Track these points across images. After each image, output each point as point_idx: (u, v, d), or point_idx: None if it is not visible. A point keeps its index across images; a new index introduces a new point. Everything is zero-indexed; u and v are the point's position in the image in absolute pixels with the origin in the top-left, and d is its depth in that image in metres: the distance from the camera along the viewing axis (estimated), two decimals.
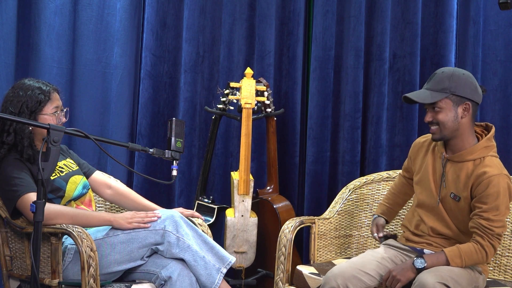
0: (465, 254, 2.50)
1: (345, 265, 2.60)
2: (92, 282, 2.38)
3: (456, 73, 2.54)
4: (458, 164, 2.59)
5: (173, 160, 2.59)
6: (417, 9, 3.82)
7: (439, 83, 2.54)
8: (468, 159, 2.58)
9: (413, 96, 2.58)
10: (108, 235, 2.55)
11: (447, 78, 2.53)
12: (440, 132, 2.56)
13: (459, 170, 2.59)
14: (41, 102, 2.61)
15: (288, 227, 2.93)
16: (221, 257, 2.56)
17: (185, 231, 2.55)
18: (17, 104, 2.60)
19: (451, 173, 2.61)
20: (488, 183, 2.50)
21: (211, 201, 3.74)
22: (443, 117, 2.54)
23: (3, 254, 2.68)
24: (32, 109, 2.60)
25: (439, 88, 2.53)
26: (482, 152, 2.58)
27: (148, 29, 3.83)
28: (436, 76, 2.57)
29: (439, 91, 2.53)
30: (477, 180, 2.53)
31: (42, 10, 3.43)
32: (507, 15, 3.60)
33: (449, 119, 2.54)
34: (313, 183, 3.93)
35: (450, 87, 2.52)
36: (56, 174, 2.67)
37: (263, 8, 3.97)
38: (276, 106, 3.81)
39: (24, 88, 2.64)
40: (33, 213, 2.05)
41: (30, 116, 2.59)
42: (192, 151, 3.93)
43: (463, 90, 2.52)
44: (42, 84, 2.67)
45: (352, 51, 3.88)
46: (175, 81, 3.91)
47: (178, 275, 2.49)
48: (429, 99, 2.53)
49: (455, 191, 2.59)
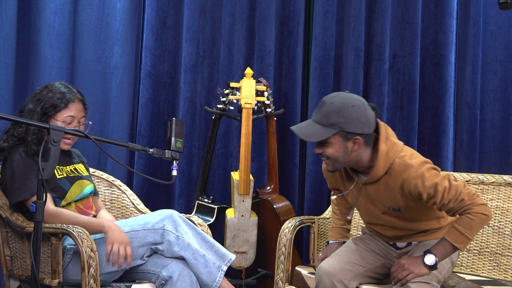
0: (465, 228, 2.38)
1: (332, 260, 2.61)
2: (92, 282, 2.38)
3: (345, 107, 2.39)
4: (375, 184, 2.49)
5: (173, 160, 2.59)
6: (417, 9, 3.83)
7: (327, 117, 2.39)
8: (379, 175, 2.46)
9: (300, 133, 2.45)
10: None
11: (336, 112, 2.38)
12: (333, 165, 2.47)
13: (380, 187, 2.48)
14: (56, 107, 2.62)
15: (288, 227, 2.93)
16: (221, 255, 2.57)
17: (185, 230, 2.55)
18: (36, 102, 2.63)
19: (375, 193, 2.52)
20: (418, 190, 2.39)
21: (211, 201, 3.74)
22: (333, 152, 2.43)
23: (3, 254, 2.68)
24: (45, 111, 2.62)
25: (328, 124, 2.39)
26: (387, 162, 2.44)
27: (148, 29, 3.83)
28: (324, 106, 2.42)
29: (327, 127, 2.39)
30: (404, 190, 2.42)
31: (42, 10, 3.43)
32: (507, 15, 3.60)
33: (339, 154, 2.43)
34: (313, 183, 3.93)
35: (339, 122, 2.38)
36: (63, 174, 2.68)
37: (263, 8, 3.97)
38: (276, 106, 3.81)
39: (50, 89, 2.67)
40: (33, 213, 2.05)
41: (42, 117, 2.60)
42: (192, 151, 3.93)
43: (353, 126, 2.39)
44: (68, 91, 2.67)
45: (352, 51, 3.88)
46: (175, 81, 3.91)
47: (179, 275, 2.49)
48: (315, 137, 2.41)
49: (391, 204, 2.52)
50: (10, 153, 2.60)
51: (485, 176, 3.07)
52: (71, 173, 2.73)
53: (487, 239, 3.01)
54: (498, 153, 3.67)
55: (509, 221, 2.97)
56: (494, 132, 3.68)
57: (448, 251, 2.43)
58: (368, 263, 2.63)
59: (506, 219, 2.98)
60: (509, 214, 2.98)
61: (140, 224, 2.56)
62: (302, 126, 2.49)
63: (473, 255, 3.03)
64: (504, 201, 3.01)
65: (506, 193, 3.01)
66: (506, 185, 3.02)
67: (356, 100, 2.43)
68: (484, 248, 3.01)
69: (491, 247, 2.99)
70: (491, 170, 3.58)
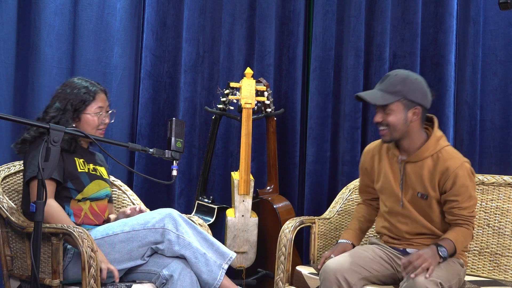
0: (464, 238, 2.58)
1: (341, 259, 2.62)
2: (93, 283, 2.38)
3: (410, 78, 2.58)
4: (418, 164, 2.63)
5: (173, 160, 2.59)
6: (417, 9, 3.82)
7: (392, 85, 2.56)
8: (425, 156, 2.61)
9: (365, 95, 2.61)
10: (108, 235, 2.55)
11: (400, 81, 2.56)
12: (390, 134, 2.61)
13: (419, 169, 2.62)
14: (85, 101, 2.71)
15: (288, 227, 2.93)
16: (221, 253, 2.57)
17: (185, 228, 2.55)
18: (63, 101, 2.69)
19: (412, 174, 2.64)
20: (455, 176, 2.55)
21: (211, 201, 3.74)
22: (393, 120, 2.57)
23: (4, 254, 2.68)
24: (76, 107, 2.69)
25: (392, 91, 2.56)
26: (436, 146, 2.62)
27: (148, 29, 3.83)
28: (389, 78, 2.59)
29: (391, 94, 2.56)
30: (443, 176, 2.58)
31: (42, 10, 3.43)
32: (507, 15, 3.60)
33: (399, 122, 2.57)
34: (313, 183, 3.93)
35: (402, 90, 2.55)
36: (84, 169, 2.72)
37: (263, 8, 3.97)
38: (276, 106, 3.81)
39: (72, 86, 2.74)
40: (32, 213, 2.05)
41: (74, 114, 2.69)
42: (192, 151, 3.93)
43: (415, 95, 2.56)
44: (90, 84, 2.76)
45: (352, 51, 3.88)
46: (175, 81, 3.91)
47: (180, 274, 2.49)
48: (380, 100, 2.56)
49: (422, 190, 2.62)
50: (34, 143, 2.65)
51: (485, 177, 3.07)
52: (92, 171, 2.77)
53: (487, 240, 3.01)
54: (498, 153, 3.66)
55: (509, 221, 2.97)
56: (494, 132, 3.68)
57: (451, 250, 2.53)
58: (375, 269, 2.64)
59: (506, 219, 2.98)
60: (509, 215, 2.98)
61: (140, 224, 2.56)
62: (367, 92, 2.66)
63: (473, 255, 3.03)
64: (504, 201, 3.01)
65: (506, 193, 3.01)
66: (506, 185, 3.02)
67: (418, 76, 2.63)
68: (484, 249, 3.01)
69: (491, 248, 2.99)
70: (491, 170, 3.58)
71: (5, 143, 3.33)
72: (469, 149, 3.70)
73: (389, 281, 2.67)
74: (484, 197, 3.04)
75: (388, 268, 2.68)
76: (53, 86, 3.43)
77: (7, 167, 2.89)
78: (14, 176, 2.90)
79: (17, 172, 2.91)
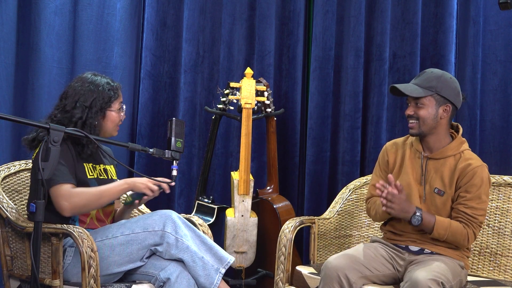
0: (452, 231, 2.60)
1: (342, 257, 2.62)
2: (93, 283, 2.38)
3: (445, 76, 2.68)
4: (440, 161, 2.70)
5: (173, 160, 2.59)
6: (417, 9, 3.82)
7: (427, 81, 2.66)
8: (448, 154, 2.69)
9: (401, 87, 2.68)
10: (107, 237, 2.54)
11: (436, 78, 2.66)
12: (419, 127, 2.68)
13: (441, 166, 2.69)
14: (111, 98, 2.68)
15: (288, 227, 2.93)
16: (219, 257, 2.55)
17: (184, 231, 2.54)
18: (89, 99, 2.64)
19: (433, 170, 2.70)
20: (473, 174, 2.63)
21: (211, 201, 3.74)
22: (424, 113, 2.66)
23: (4, 254, 2.68)
24: (102, 105, 2.66)
25: (426, 86, 2.65)
26: (459, 147, 2.71)
27: (148, 29, 3.83)
28: (425, 74, 2.70)
29: (425, 88, 2.65)
30: (462, 172, 2.64)
31: (42, 10, 3.42)
32: (507, 15, 3.60)
33: (430, 116, 2.66)
34: (313, 183, 3.93)
35: (436, 86, 2.65)
36: (94, 175, 2.68)
37: (263, 8, 3.97)
38: (276, 106, 3.81)
39: (94, 83, 2.68)
40: (33, 213, 2.05)
41: (100, 111, 2.65)
42: (192, 151, 3.93)
43: (448, 92, 2.66)
44: (108, 79, 2.72)
45: (352, 51, 3.88)
46: (175, 81, 3.91)
47: (177, 277, 2.48)
48: (415, 93, 2.65)
49: (440, 187, 2.67)
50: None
51: None
52: (101, 175, 2.71)
53: (487, 240, 3.01)
54: (498, 153, 3.66)
55: (509, 221, 2.97)
56: (494, 132, 3.68)
57: (427, 226, 2.61)
58: (376, 269, 2.64)
59: (506, 219, 2.98)
60: (509, 215, 2.98)
61: (140, 226, 2.55)
62: (403, 84, 2.71)
63: (473, 255, 3.03)
64: (504, 201, 3.01)
65: (506, 193, 3.01)
66: (506, 185, 3.02)
67: (453, 76, 2.72)
68: (484, 249, 3.01)
69: (491, 248, 2.99)
70: (491, 170, 3.55)
71: (5, 143, 3.33)
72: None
73: (390, 281, 2.68)
74: None
75: (389, 268, 2.68)
76: (53, 86, 3.44)
77: (7, 167, 2.89)
78: (14, 176, 2.90)
79: (17, 172, 2.91)
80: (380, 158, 2.89)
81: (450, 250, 2.67)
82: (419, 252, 2.68)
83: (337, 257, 2.62)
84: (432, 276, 2.40)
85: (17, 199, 2.86)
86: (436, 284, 2.38)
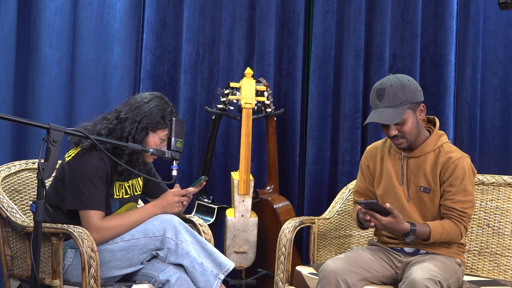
0: (446, 232, 2.59)
1: (340, 260, 2.62)
2: (93, 283, 2.38)
3: (404, 82, 2.58)
4: (420, 158, 2.68)
5: (173, 160, 2.59)
6: (417, 9, 3.82)
7: (395, 97, 2.56)
8: (428, 150, 2.66)
9: (381, 120, 2.55)
10: (108, 243, 2.54)
11: (400, 90, 2.56)
12: (407, 141, 2.63)
13: (422, 163, 2.67)
14: (158, 124, 2.62)
15: (288, 227, 2.93)
16: (219, 263, 2.54)
17: (184, 237, 2.53)
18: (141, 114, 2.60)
19: (415, 168, 2.68)
20: (455, 167, 2.60)
21: (211, 201, 3.74)
22: (408, 127, 2.60)
23: (4, 253, 2.68)
24: (147, 125, 2.60)
25: (398, 103, 2.56)
26: (438, 141, 2.68)
27: (148, 29, 3.84)
28: (387, 90, 2.57)
29: (399, 106, 2.56)
30: (444, 166, 2.62)
31: (42, 10, 3.42)
32: (507, 15, 3.60)
33: (413, 126, 2.61)
34: (313, 183, 3.93)
35: (406, 98, 2.56)
36: (120, 195, 2.65)
37: (263, 8, 3.97)
38: (276, 106, 3.81)
39: (156, 104, 2.64)
40: (33, 213, 2.05)
41: (144, 130, 2.59)
42: (192, 151, 3.93)
43: (416, 96, 2.60)
44: (171, 108, 2.68)
45: (352, 51, 3.88)
46: (175, 81, 3.91)
47: (177, 279, 2.48)
48: (396, 118, 2.55)
49: (424, 184, 2.66)
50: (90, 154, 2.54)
51: (485, 177, 3.07)
52: (126, 194, 2.69)
53: (487, 240, 3.01)
54: (498, 153, 3.66)
55: (509, 221, 2.97)
56: (494, 132, 3.68)
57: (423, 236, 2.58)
58: (375, 270, 2.64)
59: (506, 219, 2.99)
60: (509, 215, 2.98)
61: (140, 232, 2.54)
62: (377, 114, 2.57)
63: (473, 255, 3.03)
64: (504, 201, 3.01)
65: (506, 193, 3.01)
66: (506, 185, 3.02)
67: (405, 75, 2.65)
68: (484, 249, 3.01)
69: (491, 248, 2.99)
70: (491, 170, 3.58)
71: (5, 143, 3.33)
72: (469, 149, 3.70)
73: (389, 281, 2.68)
74: (484, 197, 3.04)
75: (388, 269, 2.68)
76: (53, 86, 3.45)
77: (7, 167, 2.89)
78: (14, 176, 2.90)
79: (17, 172, 2.91)
80: (362, 163, 2.87)
81: (445, 248, 2.67)
82: (414, 253, 2.69)
83: (335, 260, 2.61)
84: (429, 276, 2.40)
85: (17, 199, 2.87)
86: (433, 283, 2.38)
